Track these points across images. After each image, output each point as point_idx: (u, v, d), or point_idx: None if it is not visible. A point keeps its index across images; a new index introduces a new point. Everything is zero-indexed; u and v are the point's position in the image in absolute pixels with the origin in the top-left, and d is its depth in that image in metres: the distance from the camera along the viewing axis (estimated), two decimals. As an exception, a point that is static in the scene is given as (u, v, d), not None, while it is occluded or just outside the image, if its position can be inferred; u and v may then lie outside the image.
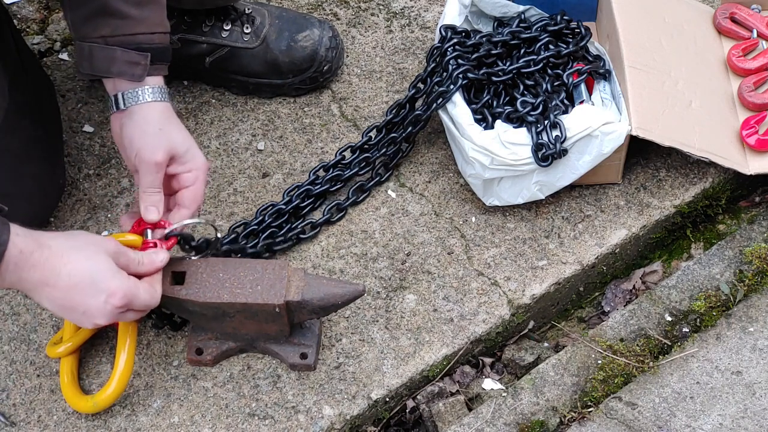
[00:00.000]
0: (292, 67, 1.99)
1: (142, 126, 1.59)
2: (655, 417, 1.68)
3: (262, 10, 2.01)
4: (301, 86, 2.02)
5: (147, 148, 1.57)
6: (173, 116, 1.64)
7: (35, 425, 1.67)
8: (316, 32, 1.99)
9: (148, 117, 1.60)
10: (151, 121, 1.60)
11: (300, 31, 1.99)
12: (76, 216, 1.89)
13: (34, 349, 1.74)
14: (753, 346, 1.76)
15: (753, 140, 1.90)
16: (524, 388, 1.73)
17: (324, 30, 2.00)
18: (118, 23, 1.59)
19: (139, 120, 1.60)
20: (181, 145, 1.61)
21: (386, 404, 1.72)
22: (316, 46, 1.99)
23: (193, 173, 1.63)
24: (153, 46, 1.61)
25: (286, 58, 1.98)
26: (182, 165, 1.62)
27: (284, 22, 2.00)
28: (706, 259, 1.88)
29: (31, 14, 2.21)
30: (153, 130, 1.59)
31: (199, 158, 1.64)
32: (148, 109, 1.61)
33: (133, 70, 1.60)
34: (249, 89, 2.03)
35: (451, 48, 1.89)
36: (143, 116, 1.60)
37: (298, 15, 2.03)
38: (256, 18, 1.99)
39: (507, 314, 1.79)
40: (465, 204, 1.91)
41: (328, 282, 1.61)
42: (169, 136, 1.60)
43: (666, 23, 2.00)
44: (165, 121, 1.61)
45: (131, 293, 1.47)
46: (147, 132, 1.59)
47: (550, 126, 1.78)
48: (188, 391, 1.70)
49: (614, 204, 1.91)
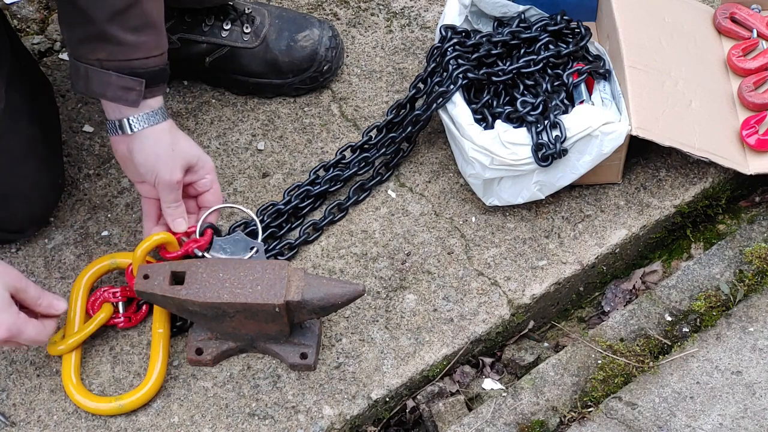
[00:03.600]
0: (292, 66, 1.99)
1: (156, 150, 1.65)
2: (655, 417, 1.68)
3: (262, 9, 2.01)
4: (301, 86, 2.02)
5: (165, 170, 1.65)
6: (177, 130, 1.70)
7: (35, 425, 1.67)
8: (316, 32, 1.99)
9: (159, 140, 1.66)
10: (162, 144, 1.66)
11: (300, 30, 1.99)
12: (76, 216, 1.89)
13: (34, 349, 1.74)
14: (753, 346, 1.76)
15: (753, 140, 1.90)
16: (524, 388, 1.73)
17: (324, 30, 2.00)
18: (114, 49, 1.60)
19: (150, 144, 1.65)
20: (192, 156, 1.69)
21: (386, 404, 1.72)
22: (316, 46, 1.99)
23: (207, 178, 1.72)
24: (148, 70, 1.63)
25: (286, 57, 1.98)
26: (196, 173, 1.71)
27: (284, 22, 2.00)
28: (706, 259, 1.88)
29: (31, 14, 2.21)
30: (166, 151, 1.65)
31: (208, 162, 1.72)
32: (157, 132, 1.66)
33: (127, 95, 1.63)
34: (249, 89, 2.03)
35: (451, 48, 1.89)
36: (154, 140, 1.65)
37: (298, 15, 2.03)
38: (256, 18, 1.99)
39: (507, 314, 1.79)
40: (465, 204, 1.91)
41: (328, 282, 1.61)
42: (182, 152, 1.67)
43: (666, 23, 2.00)
44: (173, 140, 1.67)
45: (16, 328, 1.52)
46: (161, 155, 1.65)
47: (550, 126, 1.78)
48: (188, 391, 1.70)
49: (614, 204, 1.91)
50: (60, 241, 1.86)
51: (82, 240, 1.86)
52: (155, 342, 1.69)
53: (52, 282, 1.81)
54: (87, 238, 1.86)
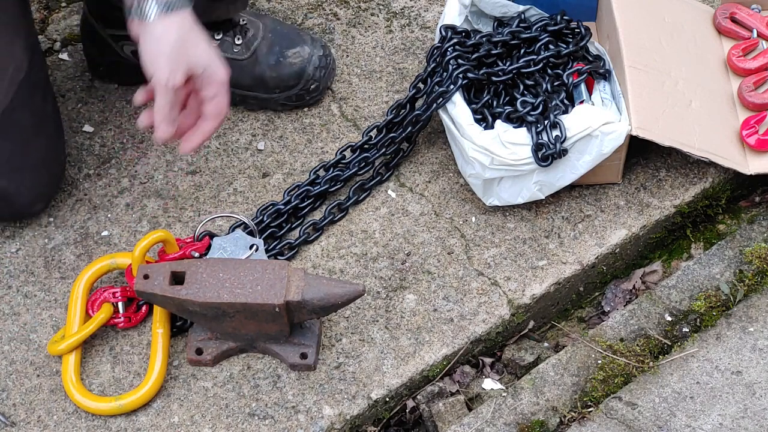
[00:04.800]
0: (278, 82, 1.97)
1: (159, 47, 1.52)
2: (655, 417, 1.68)
3: (258, 22, 1.99)
4: (287, 102, 2.00)
5: (162, 72, 1.52)
6: (191, 29, 1.55)
7: (35, 425, 1.67)
8: (307, 50, 1.97)
9: (165, 36, 1.51)
10: (167, 41, 1.52)
11: (291, 47, 1.97)
12: (76, 216, 1.89)
13: (33, 349, 1.74)
14: (753, 346, 1.76)
15: (753, 140, 1.90)
16: (524, 388, 1.73)
17: (315, 48, 1.98)
18: None
19: (155, 39, 1.52)
20: (198, 64, 1.55)
21: (386, 404, 1.72)
22: (305, 64, 1.97)
23: (213, 88, 1.58)
24: None
25: (274, 73, 1.96)
26: (201, 81, 1.57)
27: (277, 36, 1.98)
28: (706, 259, 1.88)
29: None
30: (167, 50, 1.52)
31: (218, 73, 1.58)
32: (167, 24, 1.52)
33: None
34: (235, 100, 2.00)
35: (451, 48, 1.89)
36: (160, 35, 1.52)
37: (293, 30, 2.01)
38: (250, 29, 1.97)
39: (507, 314, 1.79)
40: (465, 204, 1.91)
41: (328, 282, 1.61)
42: (186, 56, 1.53)
43: (666, 23, 2.00)
44: (183, 38, 1.54)
45: None
46: (163, 53, 1.52)
47: (550, 126, 1.78)
48: (188, 391, 1.70)
49: (614, 204, 1.91)
50: (60, 241, 1.86)
51: (82, 240, 1.86)
52: (155, 342, 1.69)
53: (52, 282, 1.81)
54: (87, 238, 1.86)
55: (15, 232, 1.87)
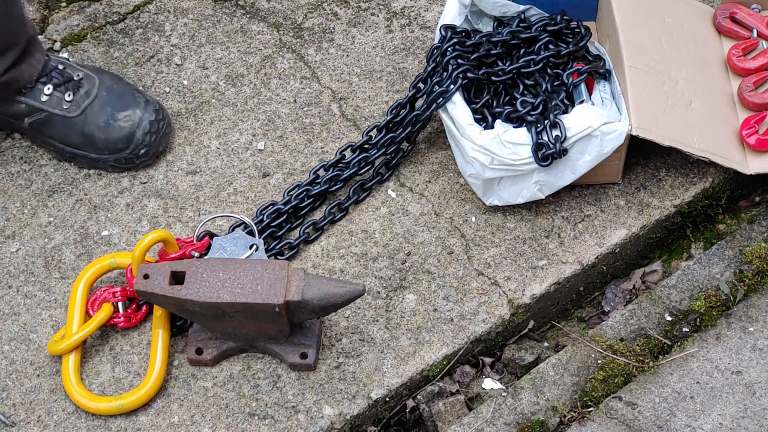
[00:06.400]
0: (107, 144, 1.91)
1: None
2: (655, 417, 1.68)
3: (95, 78, 1.93)
4: (116, 165, 1.94)
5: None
6: None
7: (35, 425, 1.67)
8: (138, 113, 1.91)
9: None
10: None
11: (122, 109, 1.91)
12: (76, 216, 1.89)
13: (33, 349, 1.74)
14: (753, 346, 1.76)
15: (753, 140, 1.90)
16: (524, 387, 1.73)
17: (147, 112, 1.92)
18: None
19: None
20: None
21: (386, 404, 1.72)
22: (134, 129, 1.90)
23: None
24: None
25: (103, 134, 1.90)
26: None
27: (111, 96, 1.92)
28: (706, 258, 1.88)
29: (31, 14, 2.21)
30: None
31: None
32: None
33: None
34: (66, 156, 1.95)
35: (451, 48, 1.89)
36: None
37: (129, 90, 1.95)
38: (84, 86, 1.91)
39: (507, 314, 1.79)
40: (465, 204, 1.91)
41: (328, 282, 1.61)
42: None
43: (666, 23, 2.00)
44: None
45: None
46: None
47: (550, 126, 1.78)
48: (188, 391, 1.70)
49: (614, 204, 1.91)
50: (60, 241, 1.86)
51: (82, 240, 1.86)
52: (155, 342, 1.69)
53: (52, 282, 1.81)
54: (87, 238, 1.86)
55: (15, 232, 1.87)
